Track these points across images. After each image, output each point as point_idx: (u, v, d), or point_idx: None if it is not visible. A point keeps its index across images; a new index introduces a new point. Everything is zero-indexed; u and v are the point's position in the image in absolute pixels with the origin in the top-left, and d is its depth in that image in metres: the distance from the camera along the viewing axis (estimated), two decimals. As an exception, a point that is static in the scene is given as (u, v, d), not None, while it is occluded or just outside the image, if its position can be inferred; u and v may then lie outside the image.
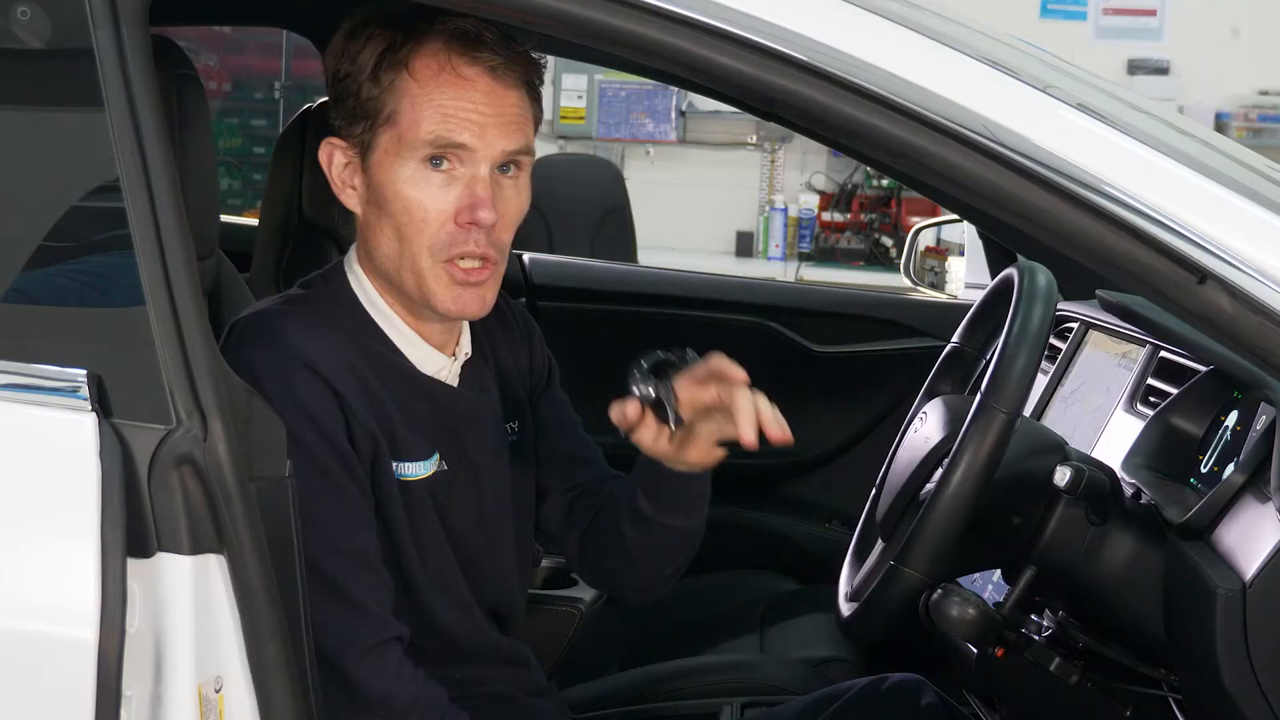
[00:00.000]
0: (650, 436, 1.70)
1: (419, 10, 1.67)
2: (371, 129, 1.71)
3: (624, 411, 1.68)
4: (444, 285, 1.71)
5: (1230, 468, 1.73)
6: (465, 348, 1.84)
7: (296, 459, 1.50)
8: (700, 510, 1.82)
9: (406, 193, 1.69)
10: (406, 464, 1.75)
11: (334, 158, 1.75)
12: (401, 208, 1.70)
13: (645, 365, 1.69)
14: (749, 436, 1.61)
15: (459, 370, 1.83)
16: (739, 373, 1.64)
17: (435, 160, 1.69)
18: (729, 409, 1.63)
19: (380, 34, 1.71)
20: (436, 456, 1.78)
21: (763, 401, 1.63)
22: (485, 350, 1.87)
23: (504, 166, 1.72)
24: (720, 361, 1.66)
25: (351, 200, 1.76)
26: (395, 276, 1.74)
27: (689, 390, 1.66)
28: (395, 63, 1.69)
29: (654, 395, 1.67)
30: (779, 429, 1.62)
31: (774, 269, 7.22)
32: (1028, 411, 2.25)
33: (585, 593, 2.53)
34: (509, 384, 1.89)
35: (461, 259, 1.70)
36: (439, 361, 1.80)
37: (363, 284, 1.78)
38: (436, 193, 1.69)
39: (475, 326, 1.86)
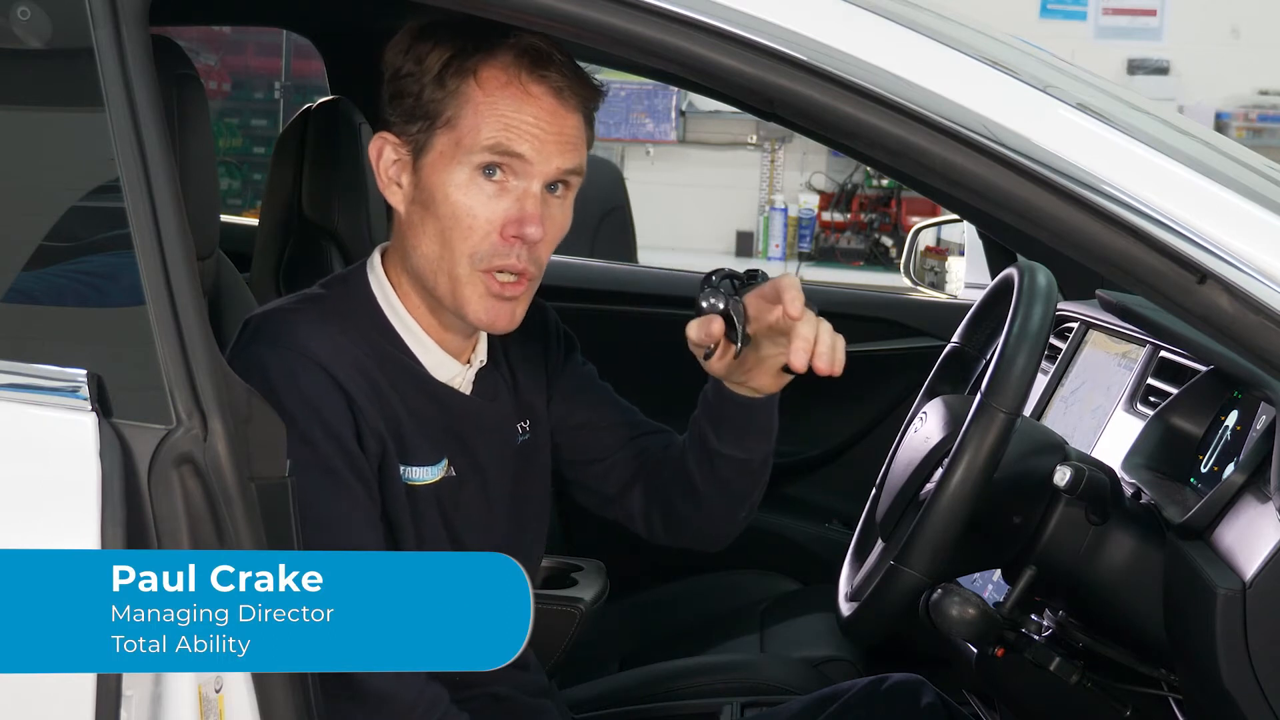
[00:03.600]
0: (717, 353, 1.68)
1: (489, 25, 1.66)
2: (429, 130, 1.70)
3: (707, 328, 1.65)
4: (479, 295, 1.71)
5: (1230, 468, 1.73)
6: (481, 355, 1.83)
7: (303, 457, 1.50)
8: (765, 443, 1.80)
9: (457, 198, 1.69)
10: (414, 468, 1.75)
11: (384, 153, 1.74)
12: (449, 212, 1.69)
13: (715, 280, 1.66)
14: (796, 362, 1.61)
15: (472, 378, 1.82)
16: (795, 305, 1.60)
17: (489, 169, 1.69)
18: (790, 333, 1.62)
19: (450, 39, 1.70)
20: (445, 462, 1.78)
21: (825, 330, 1.62)
22: (499, 355, 1.87)
23: (553, 186, 1.72)
24: (784, 282, 1.63)
25: (396, 197, 1.75)
26: (430, 279, 1.73)
27: (757, 307, 1.65)
28: (463, 70, 1.69)
29: (723, 308, 1.64)
30: (827, 362, 1.61)
31: (774, 269, 7.21)
32: (1028, 411, 2.25)
33: (585, 593, 2.53)
34: (521, 384, 1.89)
35: (500, 272, 1.70)
36: (453, 369, 1.80)
37: (383, 286, 1.78)
38: (487, 201, 1.69)
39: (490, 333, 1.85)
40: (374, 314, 1.77)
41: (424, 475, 1.76)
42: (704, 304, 1.65)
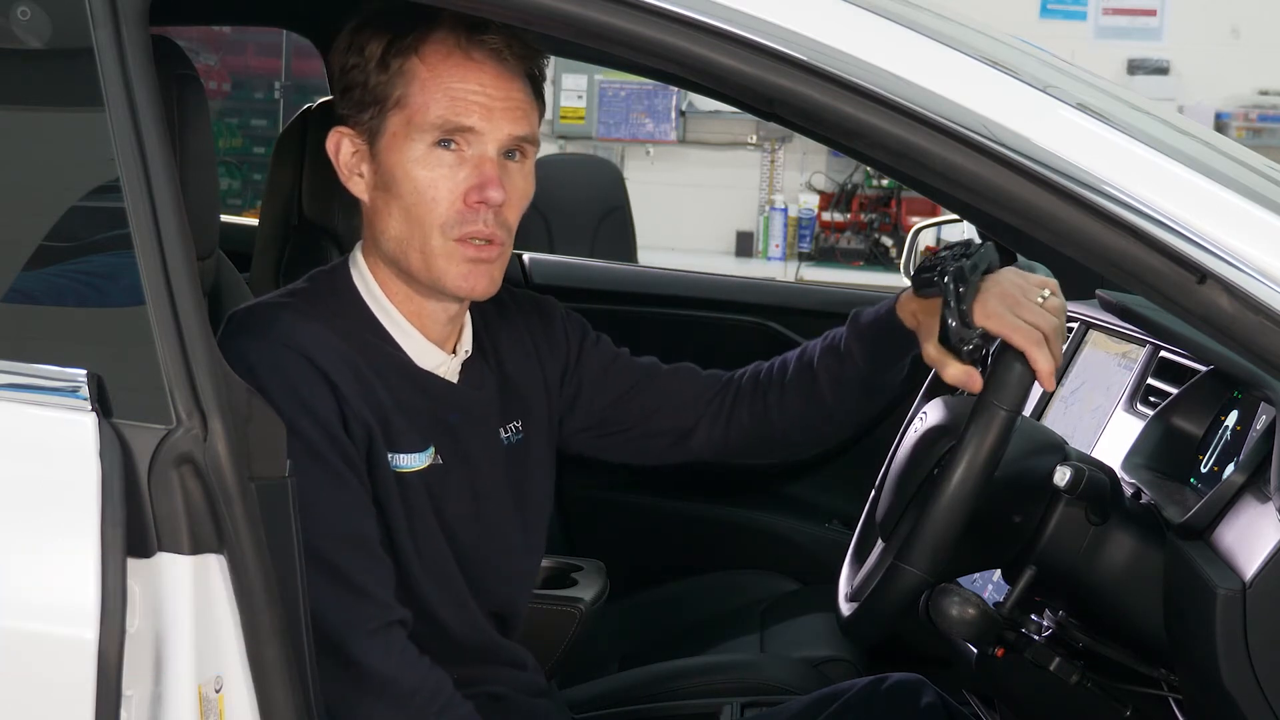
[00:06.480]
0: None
1: (423, 7, 1.68)
2: (380, 114, 1.73)
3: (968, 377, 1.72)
4: (454, 263, 1.73)
5: (1230, 468, 1.73)
6: (466, 344, 1.84)
7: (293, 446, 1.51)
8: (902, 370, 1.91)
9: (416, 173, 1.72)
10: (401, 455, 1.76)
11: (342, 146, 1.77)
12: (411, 188, 1.72)
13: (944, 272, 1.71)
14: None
15: (459, 367, 1.83)
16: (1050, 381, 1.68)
17: (444, 143, 1.71)
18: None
19: (387, 26, 1.74)
20: (431, 450, 1.79)
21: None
22: (487, 349, 1.88)
23: (510, 153, 1.74)
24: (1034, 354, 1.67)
25: (359, 187, 1.77)
26: (403, 259, 1.75)
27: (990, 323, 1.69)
28: (404, 49, 1.72)
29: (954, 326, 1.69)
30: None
31: (774, 269, 7.22)
32: (1028, 411, 2.25)
33: (585, 593, 2.53)
34: (512, 384, 1.90)
35: (470, 238, 1.72)
36: (437, 357, 1.81)
37: (365, 277, 1.79)
38: (446, 172, 1.72)
39: (477, 324, 1.87)
40: (357, 304, 1.79)
41: (411, 462, 1.77)
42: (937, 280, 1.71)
